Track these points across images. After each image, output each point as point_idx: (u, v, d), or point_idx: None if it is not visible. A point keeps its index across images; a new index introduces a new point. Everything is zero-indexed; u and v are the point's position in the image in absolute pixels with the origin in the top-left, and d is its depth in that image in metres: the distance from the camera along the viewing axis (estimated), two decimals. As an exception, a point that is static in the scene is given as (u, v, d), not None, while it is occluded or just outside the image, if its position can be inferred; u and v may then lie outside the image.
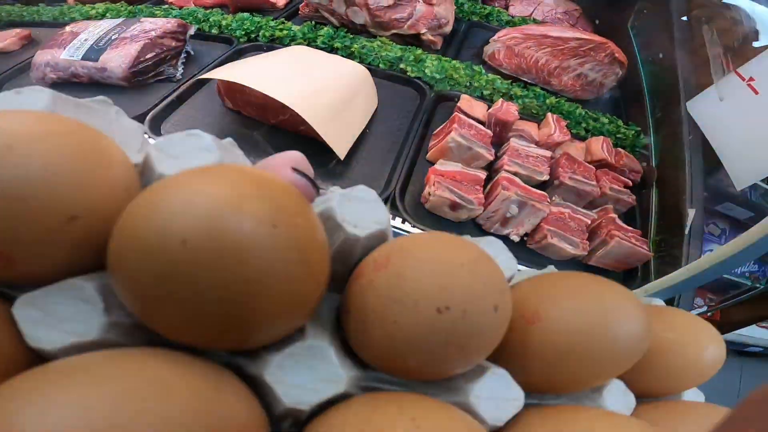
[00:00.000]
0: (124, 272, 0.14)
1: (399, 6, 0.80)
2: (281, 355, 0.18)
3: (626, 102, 0.86)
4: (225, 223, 0.14)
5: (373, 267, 0.19)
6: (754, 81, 0.68)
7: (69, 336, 0.16)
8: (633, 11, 1.02)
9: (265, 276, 0.14)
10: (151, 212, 0.14)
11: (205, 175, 0.15)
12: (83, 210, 0.15)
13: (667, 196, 0.66)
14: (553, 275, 0.24)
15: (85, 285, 0.16)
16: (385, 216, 0.21)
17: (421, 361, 0.18)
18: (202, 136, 0.20)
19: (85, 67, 0.71)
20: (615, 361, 0.21)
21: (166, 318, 0.15)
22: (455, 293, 0.17)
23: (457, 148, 0.59)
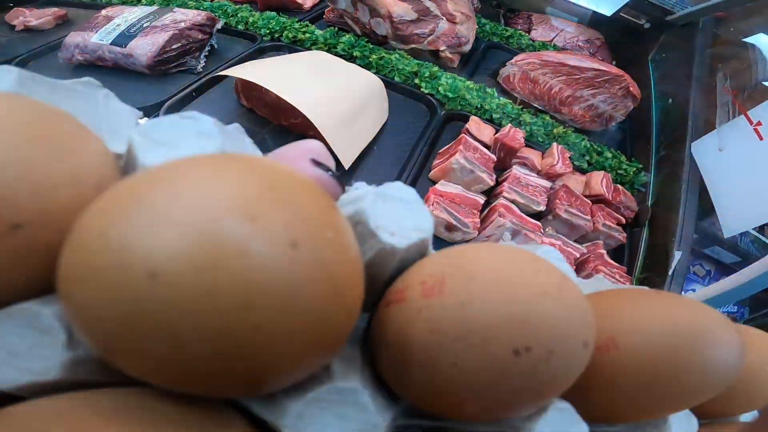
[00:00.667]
0: (74, 306, 0.10)
1: (422, 21, 0.81)
2: (303, 401, 0.14)
3: (633, 136, 0.86)
4: (218, 245, 0.09)
5: (421, 291, 0.15)
6: (761, 126, 0.68)
7: (23, 373, 0.12)
8: (657, 44, 1.01)
9: (281, 317, 0.10)
10: (107, 225, 0.10)
11: (194, 170, 0.11)
12: (31, 216, 0.12)
13: (656, 236, 0.66)
14: (626, 292, 0.20)
15: (41, 311, 0.12)
16: (428, 222, 0.17)
17: (483, 408, 0.14)
18: (200, 119, 0.16)
19: (113, 51, 0.73)
20: (703, 394, 0.17)
21: (135, 365, 0.11)
22: (540, 330, 0.13)
23: (460, 170, 0.60)
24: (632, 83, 0.80)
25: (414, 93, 0.73)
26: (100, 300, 0.10)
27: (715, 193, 0.66)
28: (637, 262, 0.66)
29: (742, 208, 0.63)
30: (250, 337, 0.10)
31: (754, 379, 0.21)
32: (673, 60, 0.95)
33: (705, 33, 0.93)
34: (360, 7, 0.81)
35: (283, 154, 0.19)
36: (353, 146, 0.62)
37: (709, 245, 0.93)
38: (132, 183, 0.11)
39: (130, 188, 0.11)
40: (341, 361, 0.15)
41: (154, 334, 0.09)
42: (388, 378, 0.16)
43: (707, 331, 0.17)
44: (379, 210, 0.16)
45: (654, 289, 0.21)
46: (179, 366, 0.10)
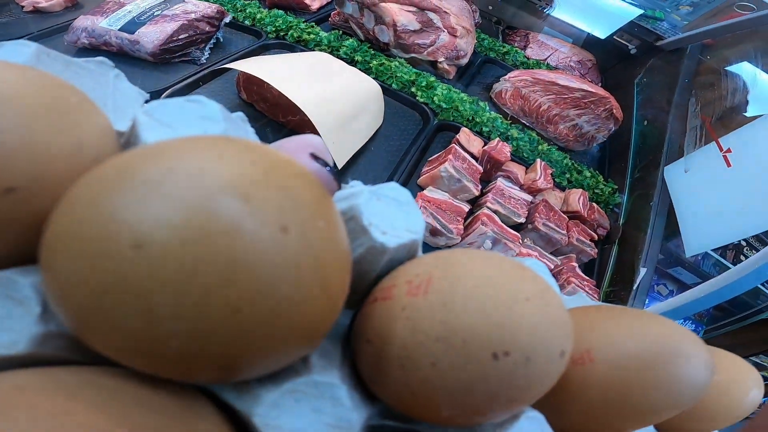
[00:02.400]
0: (56, 274, 0.10)
1: (424, 32, 0.81)
2: (279, 391, 0.13)
3: (612, 157, 0.87)
4: (209, 221, 0.09)
5: (406, 289, 0.14)
6: (731, 153, 0.70)
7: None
8: (644, 68, 1.02)
9: (263, 301, 0.10)
10: (97, 195, 0.10)
11: (190, 147, 0.10)
12: (25, 182, 0.11)
13: (625, 253, 0.68)
14: (604, 309, 0.20)
15: (18, 280, 0.12)
16: (420, 224, 0.17)
17: (458, 412, 0.13)
18: (206, 103, 0.16)
19: (120, 37, 0.71)
20: (671, 410, 0.17)
21: (107, 341, 0.10)
22: (519, 335, 0.13)
23: (447, 178, 0.61)
24: (616, 106, 0.81)
25: (410, 101, 0.73)
26: (82, 269, 0.09)
27: (682, 215, 0.67)
28: (605, 276, 0.68)
29: (704, 230, 0.65)
30: (229, 317, 0.09)
31: (719, 398, 0.22)
32: (656, 85, 0.97)
33: (690, 59, 0.95)
34: (366, 13, 0.80)
35: (284, 146, 0.18)
36: (348, 147, 0.62)
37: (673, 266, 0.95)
38: (128, 156, 0.10)
39: (126, 161, 0.10)
40: (321, 355, 0.15)
41: (130, 307, 0.09)
42: (367, 375, 0.15)
43: (678, 349, 0.17)
44: (373, 208, 0.16)
45: (631, 308, 0.21)
46: (152, 344, 0.09)
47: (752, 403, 0.22)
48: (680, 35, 0.98)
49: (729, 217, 0.64)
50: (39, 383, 0.10)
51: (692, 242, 0.66)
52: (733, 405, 0.22)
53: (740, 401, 0.22)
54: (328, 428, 0.13)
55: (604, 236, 0.70)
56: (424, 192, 0.59)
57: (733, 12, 0.89)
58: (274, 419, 0.13)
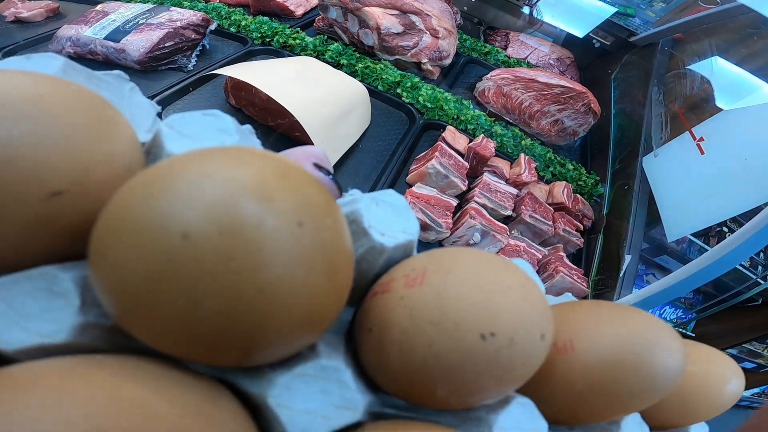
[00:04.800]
0: (107, 266, 0.11)
1: (407, 34, 0.82)
2: (290, 375, 0.14)
3: (593, 150, 0.89)
4: (240, 216, 0.11)
5: (404, 282, 0.16)
6: (704, 141, 0.72)
7: (33, 336, 0.12)
8: (620, 64, 1.05)
9: (282, 285, 0.11)
10: (148, 195, 0.11)
11: (221, 157, 0.12)
12: (70, 185, 0.12)
13: (610, 241, 0.69)
14: (587, 303, 0.21)
15: (60, 275, 0.13)
16: (415, 226, 0.18)
17: (452, 390, 0.15)
18: (221, 117, 0.17)
19: (105, 46, 0.71)
20: (647, 396, 0.18)
21: (151, 325, 0.11)
22: (503, 318, 0.14)
23: (435, 175, 0.61)
24: (594, 100, 0.83)
25: (396, 102, 0.74)
26: (135, 258, 0.11)
27: (661, 202, 0.69)
28: (593, 264, 0.69)
29: (683, 216, 0.67)
30: (255, 298, 0.11)
31: (699, 389, 0.23)
32: (631, 79, 0.99)
33: (662, 54, 0.98)
34: (350, 17, 0.81)
35: (288, 156, 0.19)
36: (337, 148, 0.62)
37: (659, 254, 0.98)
38: (170, 163, 0.12)
39: (169, 167, 0.12)
40: (327, 344, 0.16)
41: (178, 290, 0.10)
42: (369, 363, 0.17)
43: (654, 339, 0.18)
44: (372, 212, 0.17)
45: (613, 302, 0.22)
46: (192, 324, 0.11)
47: (732, 394, 0.23)
48: (651, 31, 1.01)
49: (706, 202, 0.66)
50: (86, 364, 0.11)
51: (673, 228, 0.67)
52: (712, 395, 0.22)
53: (719, 392, 0.22)
54: (335, 409, 0.14)
55: (590, 226, 0.71)
56: (412, 188, 0.60)
57: (700, 7, 0.93)
58: (286, 400, 0.14)
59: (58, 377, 0.10)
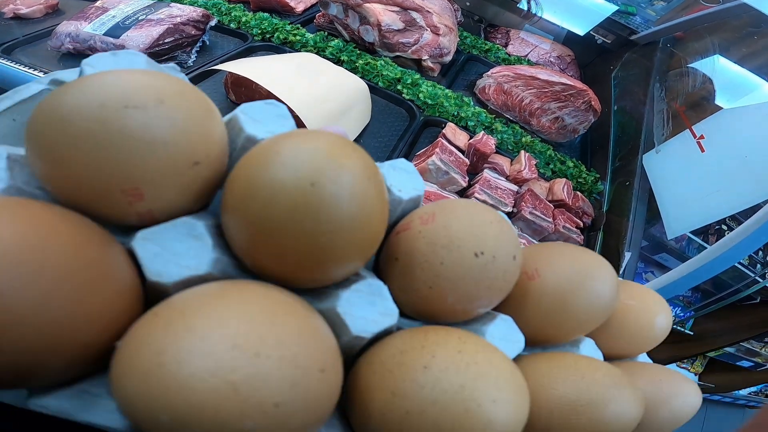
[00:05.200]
0: (255, 209, 0.15)
1: (408, 31, 0.81)
2: (349, 291, 0.19)
3: (593, 147, 0.89)
4: (341, 172, 0.15)
5: (420, 221, 0.21)
6: (704, 139, 0.72)
7: (184, 270, 0.16)
8: (620, 62, 1.05)
9: (360, 218, 0.16)
10: (283, 159, 0.15)
11: (316, 136, 0.17)
12: (204, 157, 0.17)
13: (610, 238, 0.69)
14: (551, 243, 0.27)
15: (196, 223, 0.17)
16: (422, 184, 0.24)
17: (457, 298, 0.20)
18: (278, 105, 0.21)
19: (104, 42, 0.70)
20: (593, 315, 0.23)
21: (280, 251, 0.16)
22: (487, 242, 0.19)
23: (435, 171, 0.61)
24: (594, 98, 0.83)
25: (396, 98, 0.74)
26: (279, 199, 0.15)
27: (661, 200, 0.69)
28: (592, 262, 0.69)
29: (683, 213, 0.67)
30: (347, 224, 0.16)
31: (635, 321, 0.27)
32: (632, 77, 0.99)
33: (663, 52, 0.98)
34: (351, 14, 0.81)
35: None
36: (337, 145, 0.62)
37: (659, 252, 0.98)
38: (284, 139, 0.16)
39: (287, 141, 0.16)
40: (367, 272, 0.21)
41: (307, 217, 0.15)
42: (396, 285, 0.21)
43: (595, 271, 0.23)
44: (391, 175, 0.23)
45: (573, 244, 0.27)
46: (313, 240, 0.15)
47: (662, 326, 0.28)
48: (652, 29, 1.01)
49: (705, 199, 0.66)
50: (243, 284, 0.16)
51: (673, 225, 0.68)
52: (646, 325, 0.27)
53: (652, 323, 0.27)
54: (381, 315, 0.19)
55: (589, 223, 0.72)
56: (413, 185, 0.60)
57: (700, 5, 0.92)
58: (349, 309, 0.19)
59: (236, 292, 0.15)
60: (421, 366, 0.17)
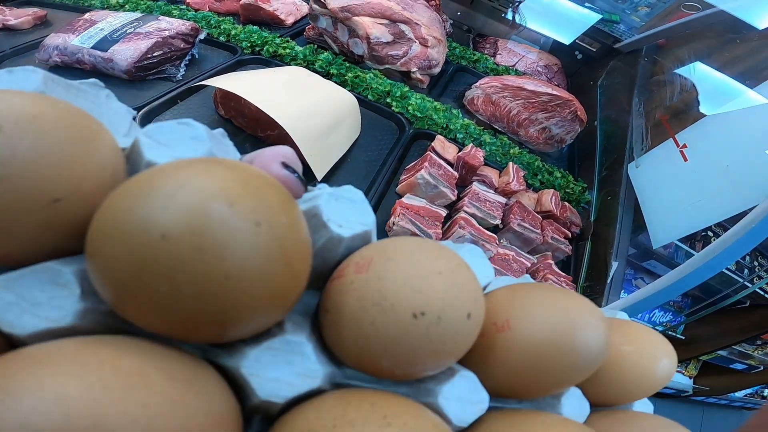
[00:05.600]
0: (101, 261, 0.13)
1: (396, 44, 0.83)
2: (259, 348, 0.17)
3: (580, 157, 0.91)
4: (207, 219, 0.13)
5: (354, 269, 0.18)
6: (687, 148, 0.74)
7: (43, 321, 0.15)
8: (605, 70, 1.07)
9: (245, 273, 0.13)
10: (133, 203, 0.13)
11: (190, 169, 0.14)
12: (67, 193, 0.14)
13: (597, 248, 0.71)
14: (526, 286, 0.23)
15: (62, 269, 0.15)
16: (370, 218, 0.20)
17: (394, 362, 0.17)
18: (194, 126, 0.19)
19: (93, 55, 0.70)
20: (576, 371, 0.20)
21: (140, 309, 0.14)
22: (431, 300, 0.16)
23: (424, 185, 0.62)
24: (580, 108, 0.85)
25: (385, 111, 0.75)
26: (124, 254, 0.13)
27: (646, 209, 0.71)
28: (581, 272, 0.71)
29: (668, 222, 0.69)
30: (223, 283, 0.13)
31: (633, 368, 0.24)
32: (617, 86, 1.01)
33: (647, 60, 1.00)
34: (340, 27, 0.82)
35: (260, 156, 0.21)
36: (327, 159, 0.63)
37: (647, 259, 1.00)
38: (149, 175, 0.14)
39: (149, 178, 0.14)
40: (293, 323, 0.19)
41: (160, 279, 0.13)
42: (329, 339, 0.19)
43: (579, 321, 0.20)
44: (331, 206, 0.19)
45: (546, 284, 0.24)
46: (173, 306, 0.13)
47: (664, 373, 0.24)
48: (635, 37, 1.03)
49: (689, 208, 0.68)
50: (93, 342, 0.14)
51: (658, 235, 0.69)
52: (645, 374, 0.24)
53: (652, 370, 0.24)
54: (298, 377, 0.17)
55: (578, 233, 0.73)
56: (402, 199, 0.60)
57: (681, 12, 0.95)
58: (257, 370, 0.16)
59: (73, 352, 0.13)
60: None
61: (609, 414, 0.25)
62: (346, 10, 0.78)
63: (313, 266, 0.18)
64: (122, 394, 0.12)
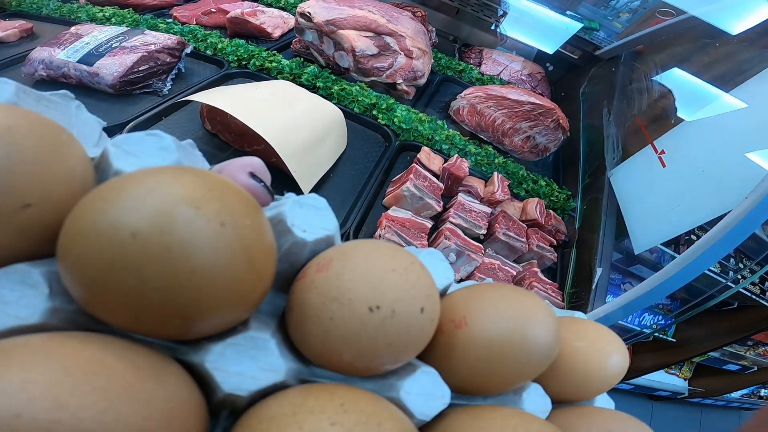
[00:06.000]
0: (73, 259, 0.14)
1: (382, 56, 0.84)
2: (223, 344, 0.18)
3: (564, 165, 0.93)
4: (174, 219, 0.14)
5: (315, 268, 0.19)
6: (665, 154, 0.76)
7: (12, 319, 0.15)
8: (587, 78, 1.09)
9: (209, 270, 0.14)
10: (105, 205, 0.14)
11: (159, 175, 0.15)
12: (38, 199, 0.15)
13: (582, 255, 0.72)
14: (483, 285, 0.24)
15: (31, 270, 0.16)
16: (333, 223, 0.21)
17: (354, 355, 0.18)
18: (162, 136, 0.20)
19: (78, 69, 0.70)
20: (529, 365, 0.21)
21: (110, 305, 0.14)
22: (385, 294, 0.17)
23: (410, 197, 0.63)
24: (562, 116, 0.87)
25: (372, 123, 0.76)
26: (95, 251, 0.14)
27: (628, 215, 0.73)
28: (567, 278, 0.72)
29: (649, 227, 0.70)
30: (188, 278, 0.14)
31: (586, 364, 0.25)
32: (598, 93, 1.03)
33: (625, 66, 1.02)
34: (325, 40, 0.83)
35: (229, 166, 0.22)
36: (313, 173, 0.63)
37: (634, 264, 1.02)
38: (121, 180, 0.15)
39: (120, 183, 0.15)
40: (258, 322, 0.19)
41: (129, 274, 0.14)
42: (294, 337, 0.20)
43: (529, 317, 0.21)
44: (295, 213, 0.20)
45: (500, 283, 0.25)
46: (141, 301, 0.14)
47: (616, 368, 0.26)
48: (614, 44, 1.06)
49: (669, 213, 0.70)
50: (59, 336, 0.15)
51: (639, 240, 0.71)
52: (598, 368, 0.25)
53: (604, 365, 0.25)
54: (262, 372, 0.18)
55: (563, 241, 0.74)
56: (388, 212, 0.61)
57: (657, 19, 0.97)
58: (220, 365, 0.17)
59: (39, 344, 0.14)
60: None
61: (569, 409, 0.26)
62: (331, 24, 0.80)
63: (280, 270, 0.19)
64: (83, 379, 0.13)
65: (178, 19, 0.93)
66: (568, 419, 0.25)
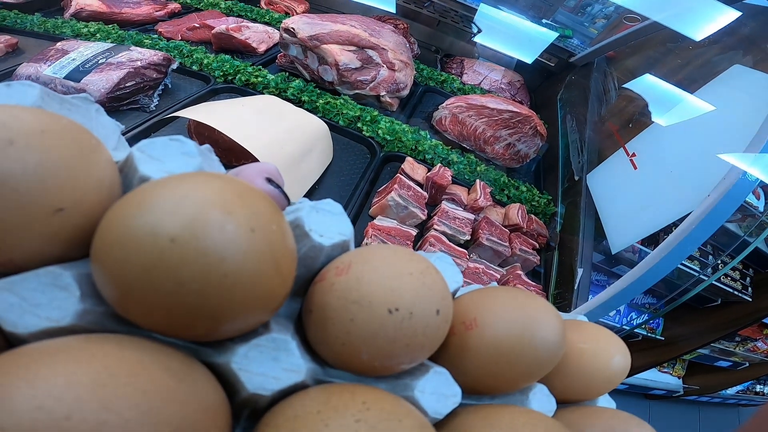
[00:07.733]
0: (111, 263, 0.15)
1: (365, 69, 0.88)
2: (247, 345, 0.18)
3: (545, 170, 0.97)
4: (210, 226, 0.15)
5: (335, 272, 0.20)
6: (636, 156, 0.81)
7: (44, 321, 0.16)
8: (563, 84, 1.15)
9: (240, 273, 0.15)
10: (143, 211, 0.15)
11: (192, 181, 0.16)
12: (70, 203, 0.16)
13: (564, 257, 0.76)
14: (492, 289, 0.26)
15: (62, 273, 0.16)
16: (348, 228, 0.22)
17: (372, 355, 0.19)
18: (185, 142, 0.20)
19: (65, 85, 0.71)
20: (536, 365, 0.22)
21: (146, 307, 0.15)
22: (404, 297, 0.19)
23: (395, 207, 0.67)
24: (539, 123, 0.91)
25: (357, 136, 0.79)
26: (134, 256, 0.14)
27: (604, 217, 0.77)
28: (550, 280, 0.76)
29: (623, 228, 0.75)
30: (221, 281, 0.15)
31: (590, 364, 0.27)
32: (574, 99, 1.09)
33: (598, 72, 1.08)
34: (309, 55, 0.87)
35: (245, 171, 0.23)
36: (300, 186, 0.66)
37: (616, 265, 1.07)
38: (153, 186, 0.16)
39: (154, 190, 0.16)
40: (278, 324, 0.20)
41: (167, 277, 0.14)
42: (312, 337, 0.21)
43: (537, 318, 0.23)
44: (313, 218, 0.22)
45: (509, 286, 0.27)
46: (176, 301, 0.15)
47: (618, 368, 0.27)
48: (587, 50, 1.12)
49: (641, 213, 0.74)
50: (94, 338, 0.15)
51: (615, 240, 0.75)
52: (602, 368, 0.27)
53: (607, 365, 0.27)
54: (284, 372, 0.19)
55: (545, 244, 0.78)
56: (374, 221, 0.64)
57: (625, 25, 1.04)
58: (245, 366, 0.18)
59: (79, 345, 0.14)
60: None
61: (573, 409, 0.27)
62: (314, 39, 0.84)
63: (297, 274, 0.20)
64: (126, 380, 0.13)
65: (163, 35, 0.96)
66: (573, 418, 0.26)
